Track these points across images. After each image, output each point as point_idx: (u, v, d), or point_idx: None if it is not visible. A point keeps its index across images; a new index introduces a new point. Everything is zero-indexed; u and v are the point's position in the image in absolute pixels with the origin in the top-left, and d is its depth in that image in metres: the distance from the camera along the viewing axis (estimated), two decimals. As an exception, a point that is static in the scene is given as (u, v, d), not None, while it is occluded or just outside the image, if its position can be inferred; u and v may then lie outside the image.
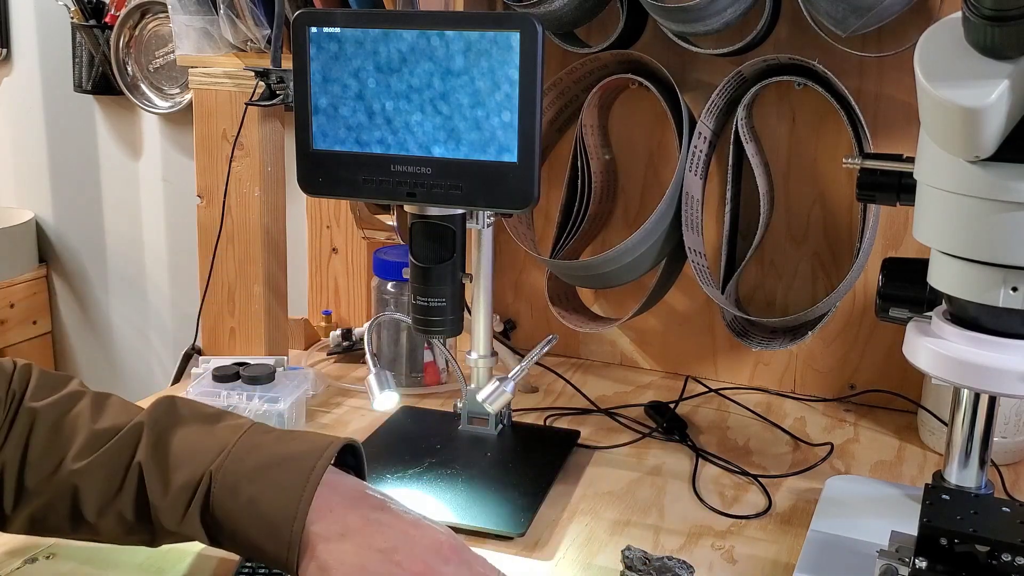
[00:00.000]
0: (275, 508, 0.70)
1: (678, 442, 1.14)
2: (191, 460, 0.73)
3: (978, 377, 0.75)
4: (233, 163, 1.29)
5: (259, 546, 0.70)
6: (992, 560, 0.71)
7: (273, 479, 0.71)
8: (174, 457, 0.73)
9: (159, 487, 0.72)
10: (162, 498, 0.72)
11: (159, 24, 1.81)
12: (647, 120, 1.30)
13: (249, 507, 0.70)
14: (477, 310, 1.07)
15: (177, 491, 0.72)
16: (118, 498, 0.73)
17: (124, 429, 0.75)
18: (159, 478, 0.72)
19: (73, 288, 2.12)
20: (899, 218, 1.20)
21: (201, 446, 0.74)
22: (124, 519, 0.73)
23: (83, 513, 0.73)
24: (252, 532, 0.70)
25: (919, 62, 0.67)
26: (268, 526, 0.69)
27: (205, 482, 0.72)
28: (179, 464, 0.73)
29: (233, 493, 0.71)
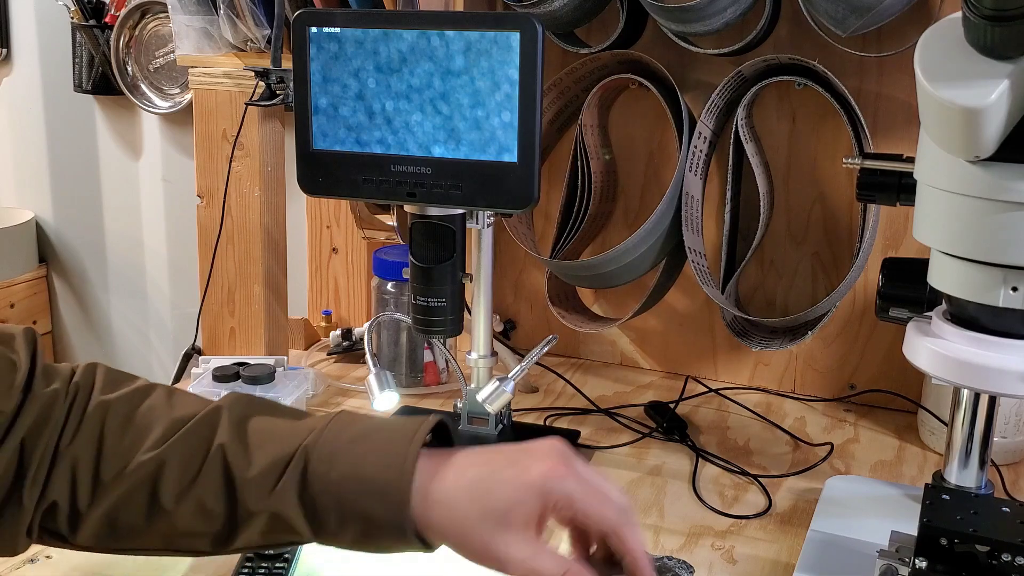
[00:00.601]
0: (382, 468, 0.65)
1: (678, 442, 1.14)
2: (279, 439, 0.69)
3: (978, 377, 0.75)
4: (233, 163, 1.29)
5: (367, 511, 0.65)
6: (992, 560, 0.71)
7: (374, 445, 0.67)
8: (259, 437, 0.69)
9: (244, 463, 0.67)
10: (248, 473, 0.67)
11: (159, 24, 1.81)
12: (647, 120, 1.30)
13: (353, 472, 0.65)
14: (477, 310, 1.07)
15: (267, 466, 0.67)
16: (197, 482, 0.68)
17: (200, 414, 0.70)
18: (244, 456, 0.68)
19: (73, 288, 2.12)
20: (899, 218, 1.20)
21: (288, 428, 0.69)
22: (203, 505, 0.68)
23: (161, 500, 0.68)
24: (358, 497, 0.65)
25: (919, 62, 0.67)
26: (376, 488, 0.65)
27: (300, 456, 0.67)
28: (265, 443, 0.68)
29: (332, 462, 0.66)
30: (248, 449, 0.68)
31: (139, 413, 0.71)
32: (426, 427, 0.67)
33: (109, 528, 0.70)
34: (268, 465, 0.67)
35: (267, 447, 0.68)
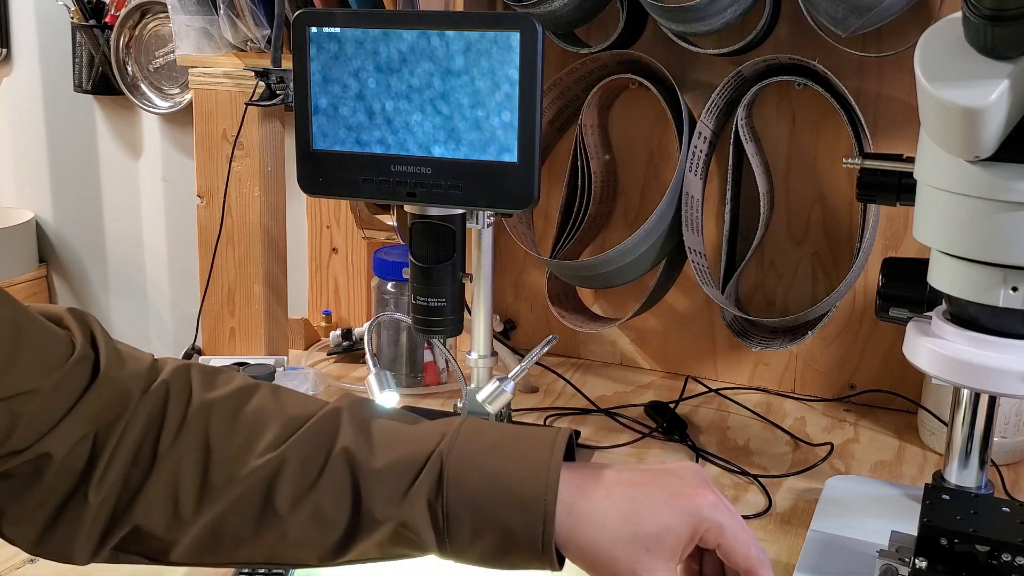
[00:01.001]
0: (524, 479, 0.62)
1: (678, 442, 1.14)
2: (409, 443, 0.64)
3: (978, 377, 0.75)
4: (233, 163, 1.29)
5: (506, 522, 0.61)
6: (992, 560, 0.71)
7: (513, 453, 0.63)
8: (387, 439, 0.64)
9: (372, 467, 0.63)
10: (376, 478, 0.62)
11: (159, 24, 1.81)
12: (647, 120, 1.30)
13: (493, 480, 0.62)
14: (477, 310, 1.07)
15: (398, 471, 0.62)
16: (316, 487, 0.63)
17: (318, 413, 0.66)
18: (371, 458, 0.63)
19: (73, 288, 2.12)
20: (899, 218, 1.20)
21: (415, 433, 0.65)
22: (320, 511, 0.63)
23: (275, 506, 0.63)
24: (498, 508, 0.61)
25: (919, 62, 0.67)
26: (518, 499, 0.61)
27: (435, 461, 0.62)
28: (394, 446, 0.64)
29: (471, 469, 0.62)
30: (375, 451, 0.63)
31: (247, 412, 0.65)
32: (563, 438, 0.64)
33: (212, 538, 0.64)
34: (399, 469, 0.62)
35: (396, 450, 0.64)
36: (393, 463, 0.62)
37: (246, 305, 1.34)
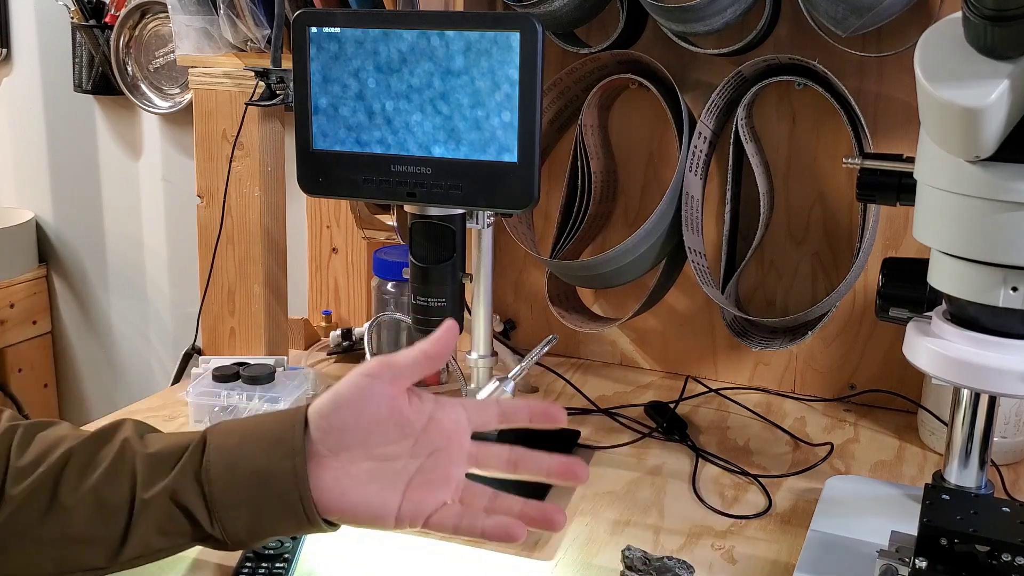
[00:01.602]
0: (273, 425, 0.70)
1: (678, 442, 1.14)
2: (179, 436, 0.73)
3: (978, 377, 0.75)
4: (233, 163, 1.29)
5: (262, 464, 0.68)
6: (992, 560, 0.71)
7: (267, 416, 0.72)
8: (160, 436, 0.73)
9: (144, 453, 0.71)
10: (150, 460, 0.70)
11: (159, 24, 1.81)
12: (647, 120, 1.30)
13: (245, 436, 0.70)
14: (477, 310, 1.07)
15: (167, 452, 0.70)
16: (97, 475, 0.70)
17: (105, 426, 0.74)
18: (144, 445, 0.71)
19: (73, 288, 2.12)
20: (899, 218, 1.20)
21: (186, 433, 0.73)
22: (102, 498, 0.69)
23: (60, 498, 0.69)
24: (253, 454, 0.69)
25: (919, 62, 0.67)
26: (269, 440, 0.69)
27: (199, 440, 0.70)
28: (167, 438, 0.73)
29: (228, 435, 0.70)
30: (149, 442, 0.72)
31: (44, 434, 0.73)
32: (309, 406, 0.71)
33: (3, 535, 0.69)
34: (170, 452, 0.70)
35: (168, 440, 0.72)
36: (165, 447, 0.71)
37: (246, 305, 1.34)
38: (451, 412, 0.70)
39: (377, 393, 0.69)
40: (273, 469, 0.68)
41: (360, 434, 0.69)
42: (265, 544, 0.83)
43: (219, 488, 0.69)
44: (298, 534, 0.73)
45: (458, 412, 0.70)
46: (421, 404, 0.70)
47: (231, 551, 0.73)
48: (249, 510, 0.69)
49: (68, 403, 2.17)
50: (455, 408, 0.70)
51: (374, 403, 0.69)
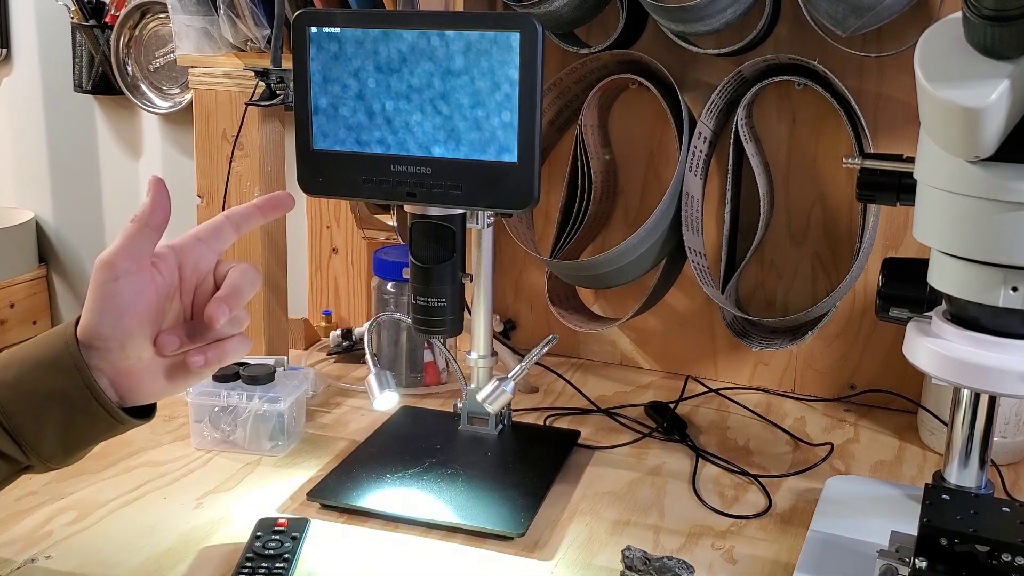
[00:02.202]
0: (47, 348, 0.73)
1: (678, 442, 1.14)
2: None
3: (978, 377, 0.75)
4: (233, 163, 1.29)
5: (51, 388, 0.71)
6: (992, 560, 0.71)
7: (36, 342, 0.75)
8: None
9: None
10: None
11: (159, 24, 1.81)
12: (647, 120, 1.30)
13: (22, 367, 0.72)
14: (477, 310, 1.07)
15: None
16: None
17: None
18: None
19: (73, 288, 2.12)
20: (899, 218, 1.20)
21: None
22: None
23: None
24: (39, 382, 0.72)
25: (919, 62, 0.67)
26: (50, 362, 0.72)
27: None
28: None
29: (5, 369, 0.73)
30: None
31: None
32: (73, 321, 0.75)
33: None
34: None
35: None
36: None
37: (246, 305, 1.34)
38: (191, 251, 0.76)
39: (123, 290, 0.72)
40: (65, 387, 0.71)
41: (129, 329, 0.72)
42: (264, 545, 0.83)
43: (20, 421, 0.72)
44: (111, 435, 0.75)
45: (197, 247, 0.77)
46: (165, 264, 0.75)
47: (55, 469, 0.76)
48: (55, 431, 0.72)
49: (68, 403, 2.17)
50: (193, 244, 0.76)
51: (124, 300, 0.72)
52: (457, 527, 0.91)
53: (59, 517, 0.91)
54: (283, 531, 0.86)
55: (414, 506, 0.94)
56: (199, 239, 0.77)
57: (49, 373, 0.72)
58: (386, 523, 0.92)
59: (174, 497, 0.96)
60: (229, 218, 0.78)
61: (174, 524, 0.91)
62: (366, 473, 1.00)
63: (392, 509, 0.93)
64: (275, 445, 1.07)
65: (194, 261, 0.76)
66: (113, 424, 0.74)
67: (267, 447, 1.07)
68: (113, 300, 0.72)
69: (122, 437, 0.99)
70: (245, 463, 1.05)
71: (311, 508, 0.95)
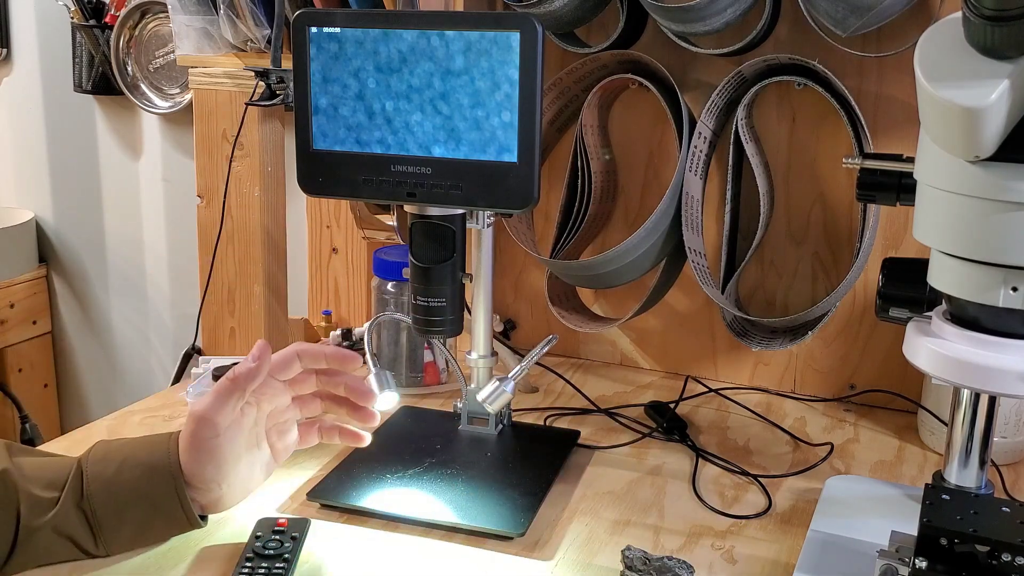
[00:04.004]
0: (149, 451, 0.80)
1: (678, 442, 1.14)
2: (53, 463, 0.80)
3: (978, 377, 0.75)
4: (233, 163, 1.29)
5: (143, 490, 0.78)
6: (992, 560, 0.71)
7: (140, 442, 0.82)
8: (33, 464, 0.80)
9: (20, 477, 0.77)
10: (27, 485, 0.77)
11: (159, 24, 1.81)
12: (647, 120, 1.30)
13: (123, 463, 0.79)
14: (477, 310, 1.07)
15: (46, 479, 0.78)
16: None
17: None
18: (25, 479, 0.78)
19: (73, 288, 2.12)
20: (899, 218, 1.20)
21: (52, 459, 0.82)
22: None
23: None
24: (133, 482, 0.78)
25: (919, 62, 0.67)
26: (146, 468, 0.79)
27: (76, 469, 0.79)
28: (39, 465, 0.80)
29: (105, 461, 0.79)
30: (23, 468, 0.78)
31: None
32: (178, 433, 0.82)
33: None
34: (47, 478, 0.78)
35: (45, 467, 0.79)
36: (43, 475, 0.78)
37: (246, 305, 1.34)
38: (268, 389, 0.84)
39: (223, 444, 0.80)
40: (156, 492, 0.78)
41: (227, 471, 0.82)
42: (264, 545, 0.84)
43: (103, 514, 0.78)
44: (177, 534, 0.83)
45: (272, 384, 0.85)
46: (249, 407, 0.83)
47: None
48: (132, 528, 0.80)
49: (68, 403, 2.17)
50: (268, 383, 0.84)
51: (224, 452, 0.80)
52: (457, 527, 0.91)
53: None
54: (283, 531, 0.86)
55: (414, 506, 0.94)
56: (271, 374, 0.84)
57: (145, 476, 0.79)
58: (386, 523, 0.92)
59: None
60: (299, 355, 0.87)
61: (174, 524, 0.91)
62: (366, 473, 1.00)
63: (392, 509, 0.93)
64: (275, 445, 1.07)
65: (270, 394, 0.85)
66: (187, 528, 0.82)
67: (267, 447, 1.07)
68: (214, 455, 0.80)
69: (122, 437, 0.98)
70: (245, 463, 1.04)
71: (311, 508, 0.95)
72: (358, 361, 0.87)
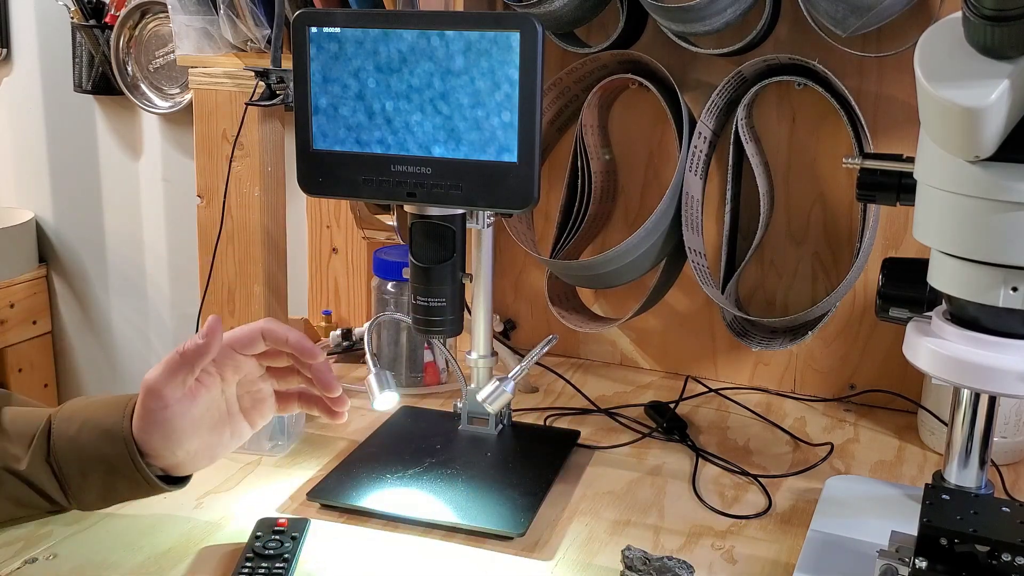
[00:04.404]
0: (106, 415, 0.81)
1: (678, 442, 1.14)
2: (28, 416, 0.84)
3: (978, 377, 0.75)
4: (233, 163, 1.29)
5: (102, 454, 0.80)
6: (992, 560, 0.71)
7: (101, 402, 0.83)
8: (12, 415, 0.84)
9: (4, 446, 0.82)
10: (4, 440, 0.82)
11: (159, 24, 1.81)
12: (647, 120, 1.30)
13: (84, 425, 0.81)
14: (477, 310, 1.07)
15: (19, 432, 0.82)
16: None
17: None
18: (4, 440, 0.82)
19: (73, 288, 2.12)
20: (899, 218, 1.20)
21: (34, 410, 0.85)
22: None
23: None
24: (92, 444, 0.81)
25: (919, 62, 0.67)
26: (103, 431, 0.81)
27: (45, 425, 0.82)
28: (17, 417, 0.84)
29: (71, 422, 0.82)
30: (3, 424, 0.83)
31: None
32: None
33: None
34: (19, 431, 0.82)
35: (19, 419, 0.83)
36: (16, 428, 0.83)
37: (246, 305, 1.34)
38: (229, 359, 0.83)
39: (171, 416, 0.80)
40: (111, 455, 0.80)
41: (179, 442, 0.81)
42: (264, 545, 0.84)
43: (68, 472, 0.81)
44: (149, 496, 0.85)
45: (233, 356, 0.84)
46: (208, 375, 0.82)
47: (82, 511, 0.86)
48: (98, 488, 0.82)
49: (68, 403, 2.17)
50: (229, 355, 0.83)
51: (173, 425, 0.80)
52: (457, 527, 0.91)
53: (60, 517, 0.91)
54: (283, 531, 0.86)
55: (414, 506, 0.94)
56: (234, 349, 0.84)
57: (102, 439, 0.80)
58: (386, 523, 0.92)
59: (174, 497, 0.96)
60: (264, 333, 0.85)
61: (174, 524, 0.91)
62: (366, 473, 1.00)
63: (392, 509, 0.93)
64: (275, 445, 1.07)
65: (233, 366, 0.84)
66: (151, 491, 0.83)
67: (267, 447, 1.07)
68: (163, 425, 0.80)
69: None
70: (245, 463, 1.05)
71: (311, 508, 0.95)
72: (318, 355, 0.85)
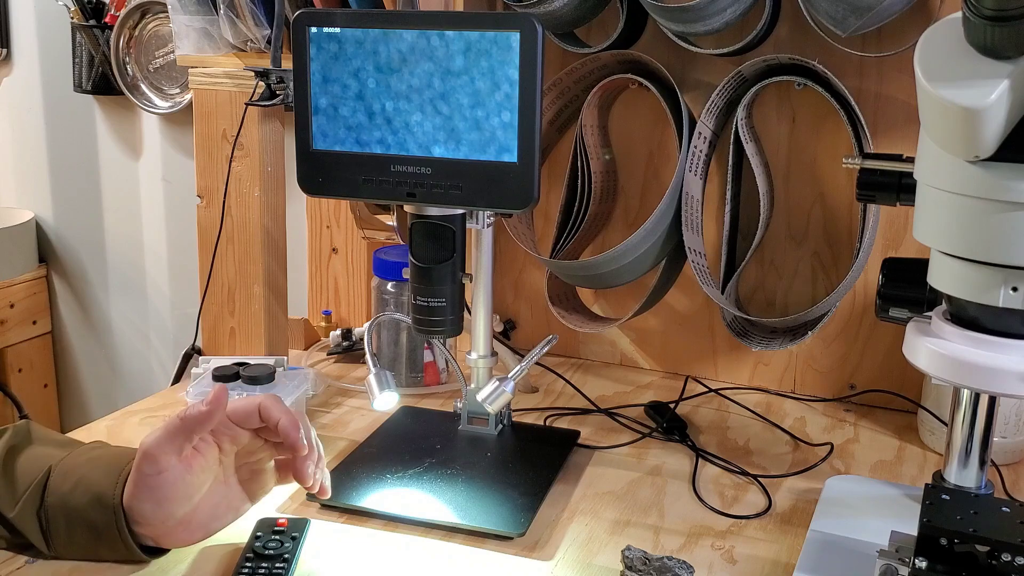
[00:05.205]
0: (99, 480, 0.80)
1: (678, 442, 1.14)
2: (36, 463, 0.82)
3: (978, 377, 0.75)
4: (233, 163, 1.29)
5: (90, 519, 0.79)
6: (992, 560, 0.71)
7: (101, 460, 0.82)
8: (21, 466, 0.83)
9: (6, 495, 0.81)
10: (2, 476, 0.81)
11: (159, 24, 1.81)
12: (647, 120, 1.30)
13: (77, 485, 0.80)
14: (477, 310, 1.07)
15: (19, 481, 0.81)
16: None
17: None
18: (4, 482, 0.81)
19: (73, 288, 2.12)
20: (899, 218, 1.20)
21: (46, 455, 0.83)
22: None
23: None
24: (82, 508, 0.79)
25: (919, 62, 0.67)
26: (95, 497, 0.79)
27: (43, 475, 0.81)
28: (24, 462, 0.83)
29: (68, 477, 0.81)
30: (11, 478, 0.82)
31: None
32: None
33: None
34: (19, 481, 0.81)
35: (22, 468, 0.82)
36: (17, 477, 0.82)
37: (246, 305, 1.34)
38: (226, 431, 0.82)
39: (165, 483, 0.79)
40: (99, 523, 0.79)
41: (169, 510, 0.80)
42: (264, 545, 0.84)
43: (55, 528, 0.80)
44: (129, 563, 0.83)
45: (231, 428, 0.82)
46: (205, 444, 0.81)
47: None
48: (81, 547, 0.81)
49: (68, 403, 2.17)
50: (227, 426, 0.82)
51: (166, 492, 0.79)
52: (457, 527, 0.91)
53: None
54: (283, 531, 0.86)
55: (414, 506, 0.94)
56: (233, 421, 0.83)
57: (92, 504, 0.79)
58: (386, 523, 0.92)
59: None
60: (260, 409, 0.83)
61: (174, 524, 0.90)
62: (366, 473, 1.00)
63: (392, 509, 0.93)
64: (275, 445, 1.07)
65: (230, 437, 0.83)
66: (133, 560, 0.82)
67: (267, 447, 1.07)
68: (155, 491, 0.79)
69: (121, 437, 0.99)
70: (245, 463, 1.04)
71: (311, 508, 0.95)
72: (302, 449, 0.83)
